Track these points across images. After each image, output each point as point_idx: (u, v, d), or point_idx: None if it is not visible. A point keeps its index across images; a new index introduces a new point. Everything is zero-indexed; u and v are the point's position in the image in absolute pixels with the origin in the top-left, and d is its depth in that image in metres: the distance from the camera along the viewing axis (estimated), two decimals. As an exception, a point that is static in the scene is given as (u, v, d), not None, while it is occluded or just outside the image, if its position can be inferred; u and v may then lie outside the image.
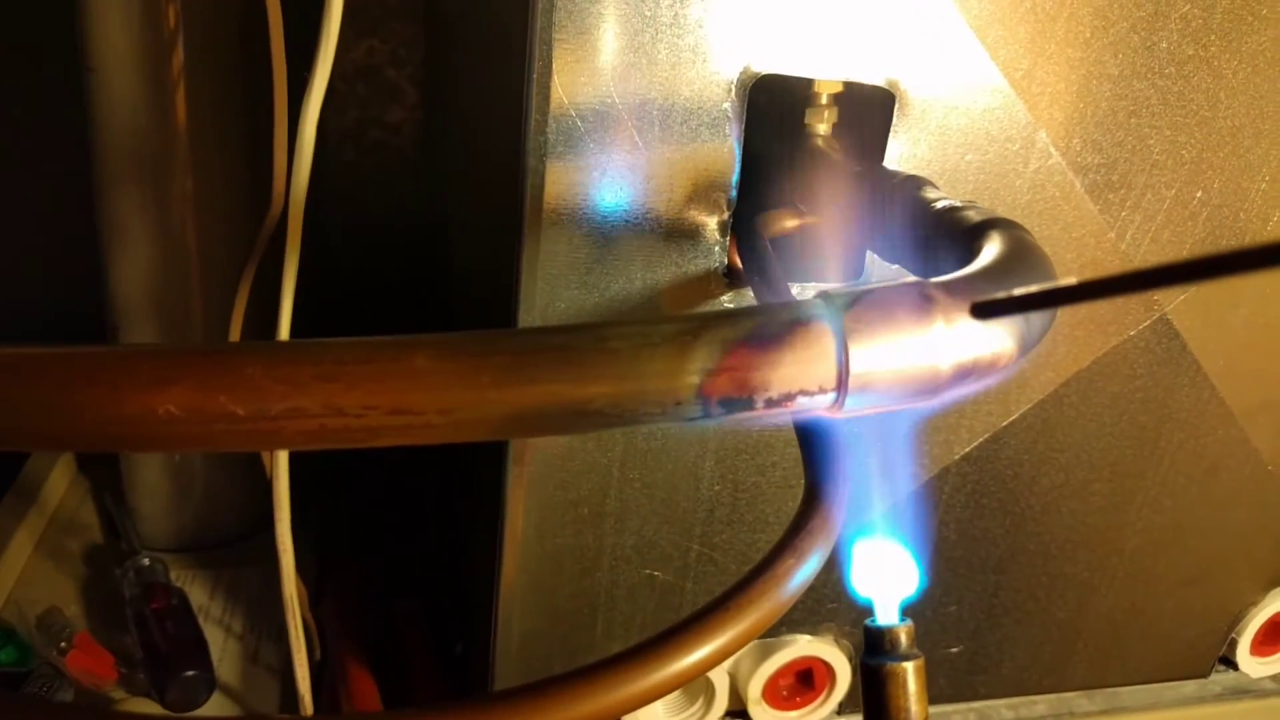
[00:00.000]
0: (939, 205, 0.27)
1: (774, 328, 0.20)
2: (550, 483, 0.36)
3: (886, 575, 0.23)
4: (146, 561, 0.53)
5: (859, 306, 0.21)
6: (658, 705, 0.43)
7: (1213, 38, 0.36)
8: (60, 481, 0.62)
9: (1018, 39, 0.34)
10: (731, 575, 0.40)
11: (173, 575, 0.54)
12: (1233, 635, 0.50)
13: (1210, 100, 0.37)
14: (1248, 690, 0.53)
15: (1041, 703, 0.50)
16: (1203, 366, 0.42)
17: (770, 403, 0.20)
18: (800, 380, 0.20)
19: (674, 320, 0.21)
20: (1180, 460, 0.44)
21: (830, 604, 0.42)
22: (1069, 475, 0.42)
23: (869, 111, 0.35)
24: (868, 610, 0.42)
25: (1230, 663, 0.52)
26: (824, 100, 0.35)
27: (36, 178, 0.67)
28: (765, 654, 0.42)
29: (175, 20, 0.48)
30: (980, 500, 0.42)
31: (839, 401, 0.21)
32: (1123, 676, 0.50)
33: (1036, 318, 0.22)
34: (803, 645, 0.42)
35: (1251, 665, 0.52)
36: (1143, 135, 0.36)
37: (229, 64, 0.51)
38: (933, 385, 0.21)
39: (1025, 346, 0.22)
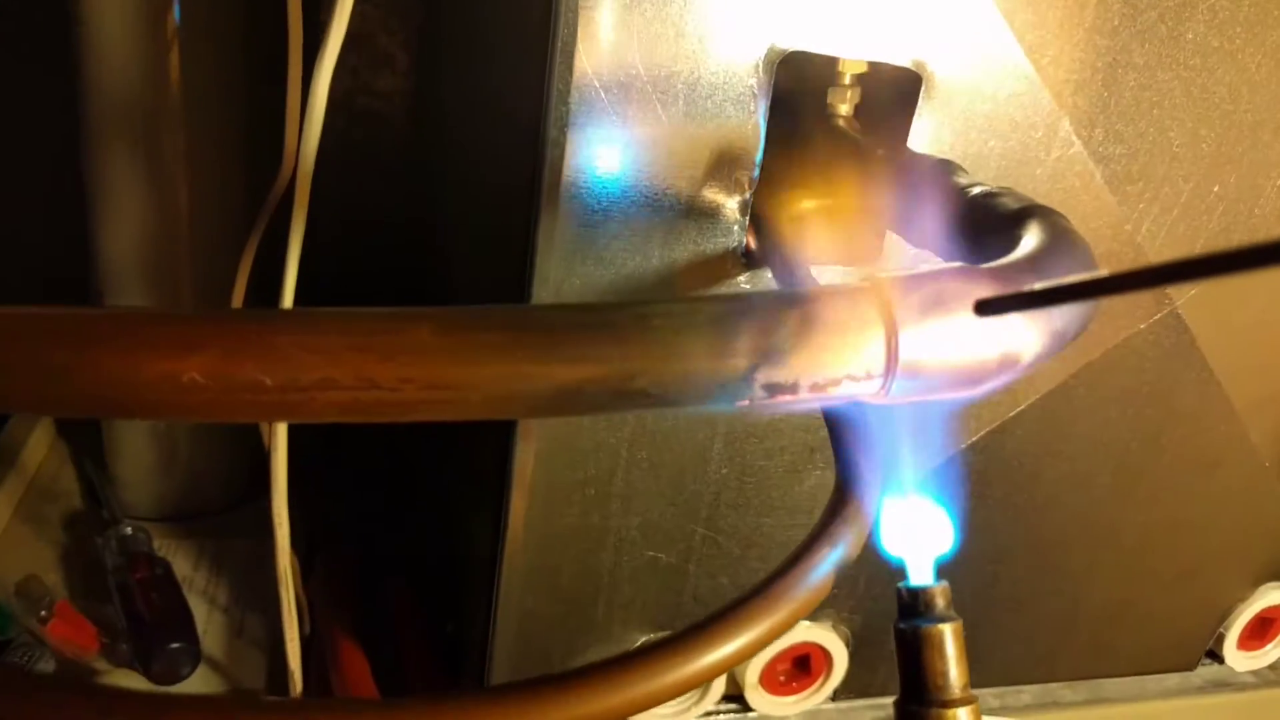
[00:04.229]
0: (974, 191, 0.26)
1: (822, 310, 0.20)
2: (558, 462, 0.35)
3: (919, 533, 0.22)
4: (129, 530, 0.51)
5: (909, 291, 0.20)
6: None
7: (1239, 30, 0.35)
8: (40, 446, 0.60)
9: (1046, 24, 0.33)
10: (735, 559, 0.39)
11: (155, 545, 0.53)
12: (1221, 629, 0.51)
13: (1232, 94, 0.36)
14: (1228, 683, 0.53)
15: (1027, 692, 0.50)
16: (1209, 362, 0.42)
17: (815, 387, 0.20)
18: (848, 365, 0.20)
19: (718, 300, 0.21)
20: (1183, 455, 0.44)
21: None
22: (1073, 467, 0.42)
23: (893, 93, 0.34)
24: (865, 600, 0.42)
25: (1216, 656, 0.53)
26: (847, 80, 0.35)
27: (19, 138, 0.65)
28: (763, 639, 0.41)
29: (171, -26, 0.46)
30: (985, 490, 0.42)
31: (885, 388, 0.20)
32: (1111, 668, 0.50)
33: (1082, 307, 0.22)
34: (801, 631, 0.42)
35: (1237, 659, 0.52)
36: (1164, 127, 0.36)
37: (227, 22, 0.49)
38: (979, 374, 0.21)
39: (1071, 335, 0.22)
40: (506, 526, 0.36)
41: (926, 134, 0.34)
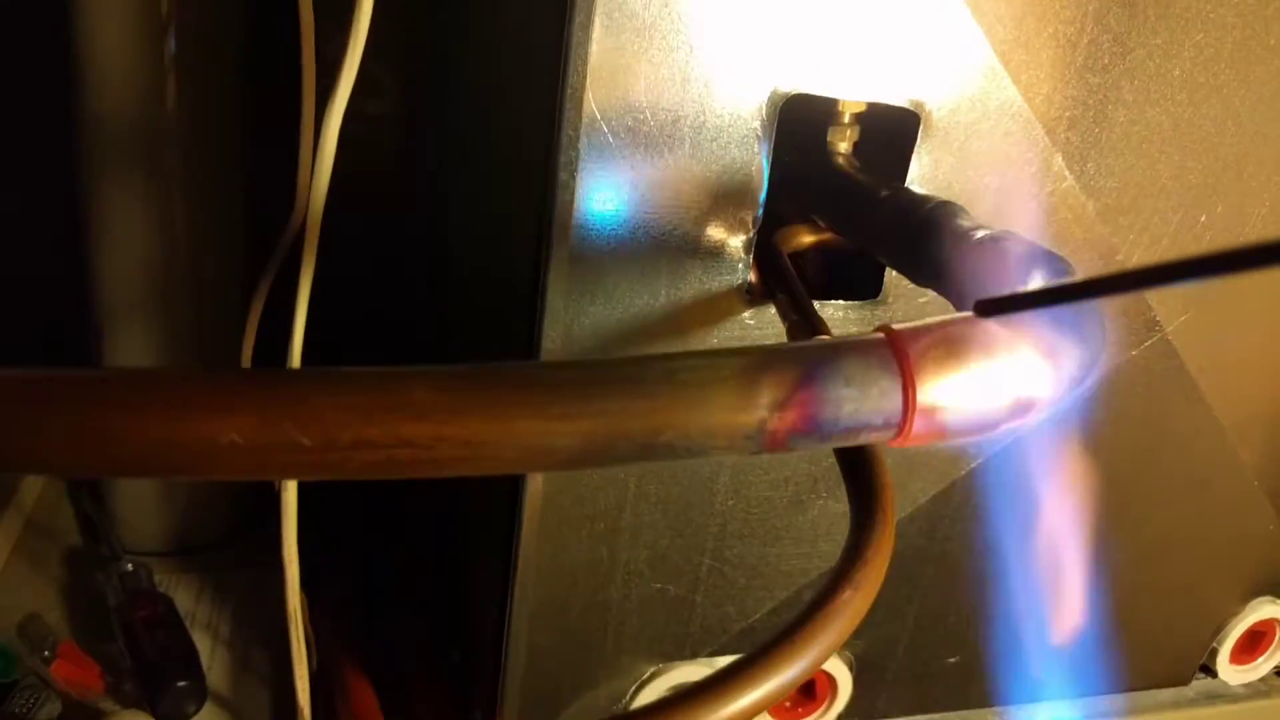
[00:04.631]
0: (979, 235, 0.27)
1: (842, 363, 0.20)
2: (568, 498, 0.36)
3: None
4: (130, 567, 0.51)
5: (925, 340, 0.21)
6: None
7: (1223, 66, 0.36)
8: (36, 482, 0.60)
9: (1040, 64, 0.34)
10: (741, 589, 0.40)
11: (156, 580, 0.53)
12: (1214, 644, 0.52)
13: (1218, 127, 0.37)
14: (1219, 695, 0.54)
15: (1023, 709, 0.51)
16: (1199, 385, 0.42)
17: (837, 436, 0.21)
18: (868, 415, 0.20)
19: (741, 353, 0.21)
20: (1174, 475, 0.45)
21: (833, 616, 0.42)
22: (1069, 490, 0.43)
23: (892, 131, 0.35)
24: (868, 625, 0.43)
25: (1210, 670, 0.53)
26: (846, 119, 0.35)
27: (15, 165, 0.64)
28: (768, 665, 0.42)
29: (170, 6, 0.46)
30: (984, 514, 0.42)
31: (903, 435, 0.21)
32: (1110, 685, 0.51)
33: (1090, 353, 0.23)
34: (805, 656, 0.42)
35: (1230, 673, 0.53)
36: (1153, 160, 0.37)
37: (225, 50, 0.50)
38: (994, 420, 0.21)
39: (1081, 379, 0.22)
40: (517, 563, 0.36)
41: (924, 170, 0.35)
